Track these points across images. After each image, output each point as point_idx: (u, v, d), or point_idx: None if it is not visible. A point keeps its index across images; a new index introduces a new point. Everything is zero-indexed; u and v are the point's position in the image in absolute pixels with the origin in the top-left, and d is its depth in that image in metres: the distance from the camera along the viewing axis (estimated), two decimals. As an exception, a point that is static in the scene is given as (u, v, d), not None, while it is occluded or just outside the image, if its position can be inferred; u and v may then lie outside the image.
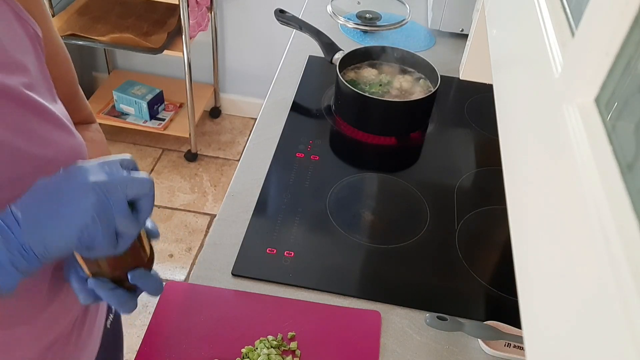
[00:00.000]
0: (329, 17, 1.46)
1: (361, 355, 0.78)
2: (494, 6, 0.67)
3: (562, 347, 0.27)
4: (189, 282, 0.86)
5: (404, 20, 1.46)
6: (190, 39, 2.08)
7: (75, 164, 0.51)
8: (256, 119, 1.20)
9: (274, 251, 0.90)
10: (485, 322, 0.82)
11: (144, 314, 1.85)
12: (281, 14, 1.35)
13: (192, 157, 2.40)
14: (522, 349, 0.80)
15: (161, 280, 0.60)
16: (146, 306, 1.87)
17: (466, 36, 1.16)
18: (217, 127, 2.60)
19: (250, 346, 0.77)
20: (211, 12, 2.26)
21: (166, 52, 2.12)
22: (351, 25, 1.45)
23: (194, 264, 2.01)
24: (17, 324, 0.60)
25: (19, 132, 0.54)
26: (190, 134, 2.32)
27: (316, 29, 1.29)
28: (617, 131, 0.28)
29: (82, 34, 2.07)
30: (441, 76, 1.18)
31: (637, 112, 0.26)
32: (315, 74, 1.33)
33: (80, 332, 0.71)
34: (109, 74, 2.56)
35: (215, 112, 2.63)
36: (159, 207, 2.21)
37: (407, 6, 1.50)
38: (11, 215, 0.48)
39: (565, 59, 0.36)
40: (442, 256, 0.94)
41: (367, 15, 1.47)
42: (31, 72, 0.58)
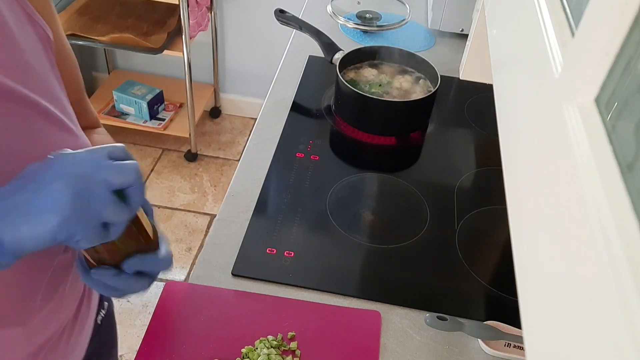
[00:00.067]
0: (329, 17, 1.46)
1: (361, 355, 0.78)
2: (494, 6, 0.67)
3: (562, 347, 0.27)
4: (189, 282, 0.86)
5: (404, 20, 1.46)
6: (190, 39, 2.08)
7: (59, 151, 0.48)
8: (256, 119, 1.20)
9: (274, 251, 0.90)
10: (485, 322, 0.82)
11: (144, 314, 1.85)
12: (281, 14, 1.35)
13: (192, 157, 2.40)
14: (522, 349, 0.80)
15: (168, 256, 0.57)
16: (146, 306, 1.87)
17: (466, 36, 1.16)
18: (217, 127, 2.60)
19: (250, 346, 0.77)
20: (211, 12, 2.26)
21: (166, 52, 2.12)
22: (351, 25, 1.45)
23: (194, 264, 2.01)
24: (11, 324, 0.60)
25: (21, 134, 0.54)
26: (190, 134, 2.32)
27: (316, 29, 1.29)
28: (617, 131, 0.28)
29: (82, 34, 2.07)
30: (441, 76, 1.18)
31: (637, 112, 0.26)
32: (315, 74, 1.33)
33: (71, 331, 0.70)
34: (109, 74, 2.56)
35: (215, 112, 2.63)
36: (159, 207, 2.21)
37: (407, 6, 1.50)
38: None
39: (565, 59, 0.36)
40: (442, 256, 0.94)
41: (367, 15, 1.47)
42: (39, 73, 0.57)
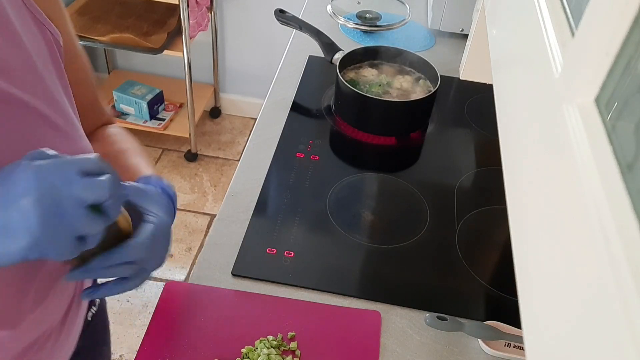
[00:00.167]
0: (329, 17, 1.46)
1: (361, 355, 0.78)
2: (494, 6, 0.67)
3: (562, 347, 0.27)
4: (189, 282, 0.86)
5: (404, 20, 1.46)
6: (190, 39, 2.08)
7: (35, 151, 0.48)
8: (256, 119, 1.20)
9: (274, 251, 0.90)
10: (485, 322, 0.82)
11: (144, 314, 1.85)
12: (281, 14, 1.35)
13: (192, 157, 2.40)
14: (522, 349, 0.80)
15: (138, 244, 0.56)
16: (146, 306, 1.87)
17: (466, 36, 1.16)
18: (217, 127, 2.60)
19: (250, 346, 0.77)
20: (211, 12, 2.26)
21: (166, 52, 2.12)
22: (351, 25, 1.45)
23: (194, 264, 2.01)
24: (1, 328, 0.59)
25: (17, 138, 0.53)
26: (190, 134, 2.32)
27: (316, 29, 1.29)
28: (617, 131, 0.28)
29: (82, 34, 2.07)
30: (441, 76, 1.18)
31: (637, 112, 0.26)
32: (315, 74, 1.33)
33: (60, 331, 0.70)
34: (109, 74, 2.56)
35: (215, 112, 2.63)
36: (159, 207, 2.21)
37: (407, 6, 1.50)
38: None
39: (565, 59, 0.36)
40: (442, 256, 0.94)
41: (367, 15, 1.47)
42: (42, 76, 0.57)
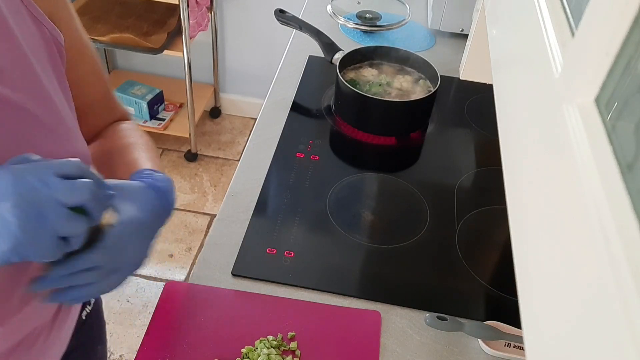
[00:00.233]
0: (329, 17, 1.46)
1: (361, 355, 0.78)
2: (494, 6, 0.67)
3: (562, 347, 0.27)
4: (189, 282, 0.86)
5: (404, 20, 1.46)
6: (190, 39, 2.08)
7: (4, 169, 0.47)
8: (256, 119, 1.20)
9: (274, 251, 0.90)
10: (485, 322, 0.82)
11: (144, 314, 1.85)
12: (281, 14, 1.35)
13: (192, 157, 2.40)
14: (522, 349, 0.80)
15: (106, 245, 0.54)
16: (146, 306, 1.87)
17: (466, 36, 1.16)
18: (217, 127, 2.60)
19: (250, 346, 0.77)
20: (211, 12, 2.26)
21: (166, 52, 2.12)
22: (351, 25, 1.45)
23: (194, 264, 2.01)
24: None
25: (6, 140, 0.53)
26: (190, 134, 2.32)
27: (316, 29, 1.29)
28: (617, 131, 0.28)
29: (82, 34, 2.07)
30: (441, 76, 1.18)
31: (637, 112, 0.26)
32: (315, 74, 1.33)
33: (49, 330, 0.69)
34: (109, 74, 2.56)
35: (215, 112, 2.63)
36: (159, 207, 2.21)
37: (407, 6, 1.50)
38: None
39: (565, 59, 0.36)
40: (442, 256, 0.94)
41: (367, 15, 1.47)
42: (36, 76, 0.56)
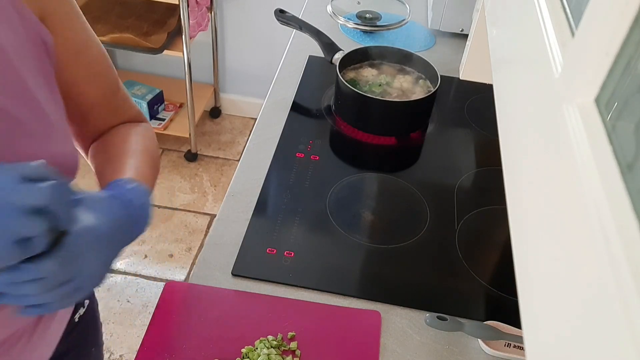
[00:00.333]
0: (329, 17, 1.46)
1: (361, 355, 0.78)
2: (494, 6, 0.67)
3: (562, 347, 0.27)
4: (189, 282, 0.86)
5: (404, 20, 1.46)
6: (190, 39, 2.08)
7: None
8: (256, 119, 1.20)
9: (274, 251, 0.90)
10: (485, 322, 0.82)
11: (144, 314, 1.85)
12: (281, 14, 1.35)
13: (192, 157, 2.40)
14: (522, 349, 0.80)
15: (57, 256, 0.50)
16: (146, 306, 1.87)
17: (466, 36, 1.16)
18: (217, 127, 2.60)
19: (250, 346, 0.77)
20: (211, 12, 2.26)
21: (166, 52, 2.12)
22: (351, 25, 1.45)
23: (194, 264, 2.01)
24: None
25: None
26: (190, 134, 2.32)
27: (316, 29, 1.29)
28: (617, 131, 0.28)
29: (82, 34, 2.07)
30: (441, 76, 1.18)
31: (637, 112, 0.26)
32: (315, 74, 1.33)
33: (31, 334, 0.67)
34: (109, 74, 2.56)
35: (215, 112, 2.63)
36: (159, 207, 2.21)
37: (407, 6, 1.50)
38: None
39: (565, 59, 0.36)
40: (442, 256, 0.94)
41: (367, 15, 1.47)
42: (19, 77, 0.55)
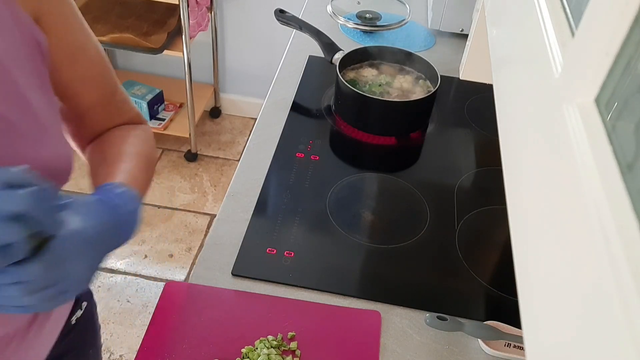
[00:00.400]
0: (329, 17, 1.46)
1: (361, 355, 0.78)
2: (494, 6, 0.67)
3: (562, 347, 0.27)
4: (189, 282, 0.86)
5: (404, 20, 1.46)
6: (190, 39, 2.08)
7: None
8: (256, 119, 1.20)
9: (274, 251, 0.90)
10: (485, 322, 0.82)
11: (144, 314, 1.85)
12: (281, 14, 1.35)
13: (192, 157, 2.40)
14: (522, 349, 0.80)
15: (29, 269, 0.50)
16: (146, 306, 1.87)
17: (466, 36, 1.16)
18: (217, 127, 2.60)
19: (250, 346, 0.77)
20: (211, 12, 2.26)
21: (166, 52, 2.12)
22: (351, 25, 1.45)
23: (194, 264, 2.01)
24: None
25: None
26: (190, 134, 2.32)
27: (316, 29, 1.29)
28: (617, 131, 0.28)
29: (82, 34, 2.07)
30: (441, 76, 1.18)
31: (637, 112, 0.26)
32: (315, 74, 1.33)
33: (23, 336, 0.66)
34: (109, 74, 2.56)
35: (215, 112, 2.63)
36: (159, 207, 2.21)
37: (407, 6, 1.50)
38: None
39: (565, 59, 0.36)
40: (442, 256, 0.94)
41: (367, 15, 1.47)
42: (13, 77, 0.55)
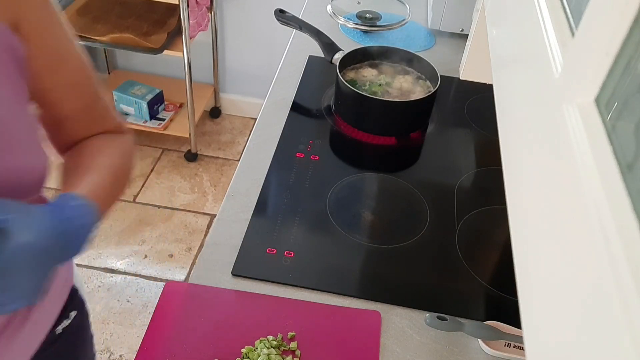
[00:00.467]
0: (329, 17, 1.46)
1: (361, 355, 0.78)
2: (494, 6, 0.67)
3: (562, 347, 0.27)
4: (189, 282, 0.86)
5: (404, 20, 1.46)
6: (190, 39, 2.08)
7: None
8: (256, 119, 1.20)
9: (274, 251, 0.90)
10: (485, 322, 0.82)
11: (144, 314, 1.85)
12: (281, 14, 1.35)
13: (192, 157, 2.40)
14: (522, 349, 0.80)
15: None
16: (146, 306, 1.87)
17: (466, 36, 1.16)
18: (217, 127, 2.60)
19: (250, 346, 0.77)
20: (211, 12, 2.26)
21: (166, 52, 2.12)
22: (351, 25, 1.45)
23: (194, 264, 2.01)
24: None
25: None
26: (190, 134, 2.32)
27: (316, 29, 1.29)
28: (617, 131, 0.28)
29: (82, 34, 2.07)
30: (441, 76, 1.18)
31: (637, 112, 0.26)
32: (315, 74, 1.33)
33: None
34: (109, 74, 2.56)
35: (215, 112, 2.63)
36: (159, 207, 2.21)
37: (407, 6, 1.50)
38: None
39: (565, 59, 0.36)
40: (442, 256, 0.94)
41: (367, 15, 1.47)
42: None
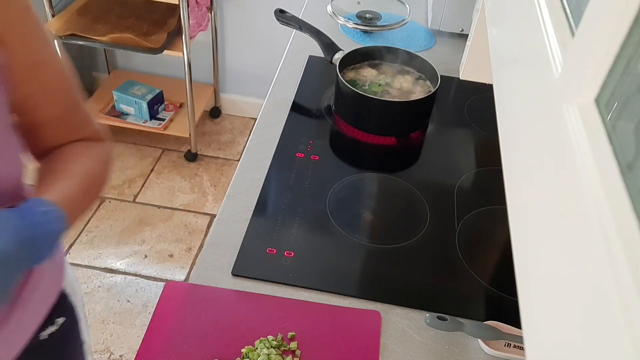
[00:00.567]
0: (329, 17, 1.46)
1: (361, 355, 0.78)
2: (494, 6, 0.67)
3: (562, 347, 0.27)
4: (189, 282, 0.86)
5: (404, 20, 1.46)
6: (190, 39, 2.08)
7: None
8: (256, 119, 1.20)
9: (274, 251, 0.90)
10: (485, 322, 0.82)
11: (144, 314, 1.85)
12: (281, 14, 1.35)
13: (192, 157, 2.40)
14: (522, 349, 0.80)
15: None
16: (146, 306, 1.87)
17: (466, 36, 1.16)
18: (217, 127, 2.60)
19: (250, 346, 0.77)
20: (211, 12, 2.26)
21: (166, 52, 2.12)
22: (351, 25, 1.45)
23: (194, 264, 2.01)
24: None
25: None
26: (190, 134, 2.32)
27: (316, 29, 1.29)
28: (617, 131, 0.28)
29: (82, 34, 2.07)
30: (441, 76, 1.18)
31: (637, 112, 0.26)
32: (315, 74, 1.33)
33: None
34: (109, 74, 2.56)
35: (215, 112, 2.63)
36: (159, 207, 2.21)
37: (407, 6, 1.50)
38: None
39: (565, 59, 0.36)
40: (442, 256, 0.94)
41: (367, 15, 1.48)
42: None
